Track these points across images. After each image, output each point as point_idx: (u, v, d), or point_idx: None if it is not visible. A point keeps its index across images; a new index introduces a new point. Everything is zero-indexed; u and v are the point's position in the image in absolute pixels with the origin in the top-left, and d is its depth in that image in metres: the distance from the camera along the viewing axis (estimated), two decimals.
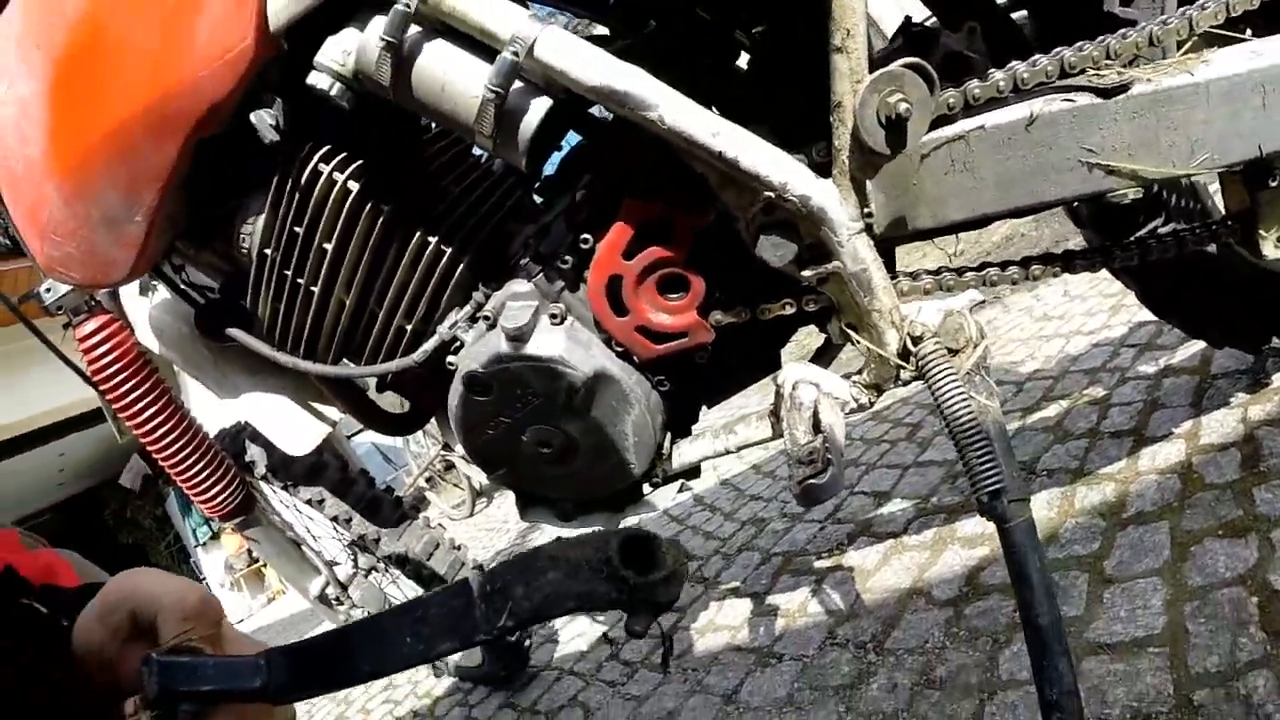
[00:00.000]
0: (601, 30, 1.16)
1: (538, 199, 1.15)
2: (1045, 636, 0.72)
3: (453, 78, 0.81)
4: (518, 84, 0.80)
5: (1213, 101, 0.82)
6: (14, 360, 5.92)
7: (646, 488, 1.14)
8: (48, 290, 1.29)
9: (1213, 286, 1.34)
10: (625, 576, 0.49)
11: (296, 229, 0.98)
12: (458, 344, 1.03)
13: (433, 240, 0.99)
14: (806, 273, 0.85)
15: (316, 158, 0.94)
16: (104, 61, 0.87)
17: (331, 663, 0.50)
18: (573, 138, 1.04)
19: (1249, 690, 0.93)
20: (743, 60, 1.07)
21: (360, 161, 0.95)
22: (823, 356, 1.06)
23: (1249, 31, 0.98)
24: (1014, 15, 1.04)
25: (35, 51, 0.87)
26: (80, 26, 0.86)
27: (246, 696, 0.47)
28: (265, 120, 0.90)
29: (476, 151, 1.16)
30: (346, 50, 0.83)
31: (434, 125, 1.13)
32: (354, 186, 0.95)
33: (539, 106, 0.82)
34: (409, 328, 1.04)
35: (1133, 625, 1.11)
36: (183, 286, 1.18)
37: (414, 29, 0.81)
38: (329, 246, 0.98)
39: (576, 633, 2.19)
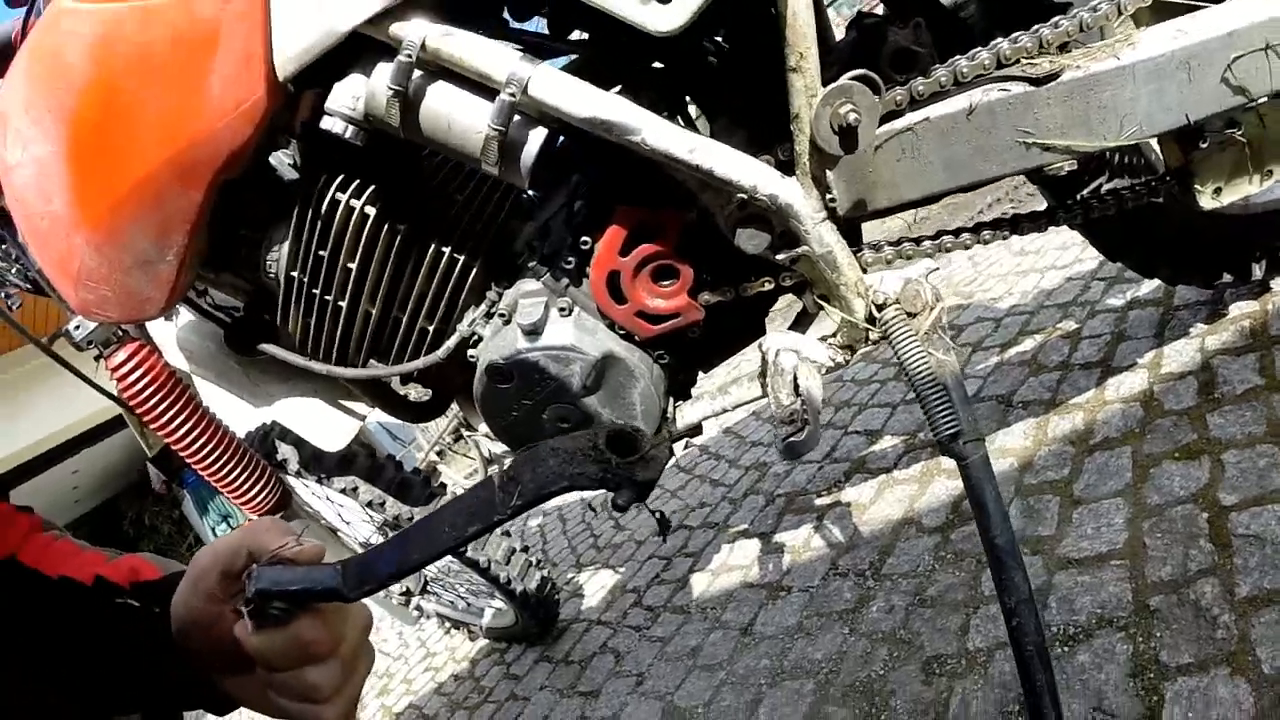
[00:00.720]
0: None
1: (532, 193, 1.25)
2: (1002, 554, 0.83)
3: (457, 117, 0.90)
4: (516, 118, 0.89)
5: (1139, 81, 0.90)
6: (18, 386, 5.98)
7: None
8: (76, 327, 1.38)
9: (1160, 231, 1.41)
10: (609, 459, 0.60)
11: (321, 252, 1.07)
12: (476, 338, 1.13)
13: (446, 250, 1.09)
14: (780, 256, 0.95)
15: (334, 187, 1.03)
16: (120, 121, 0.92)
17: (389, 560, 0.59)
18: None
19: (1198, 596, 1.05)
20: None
21: (373, 187, 1.04)
22: (802, 321, 1.17)
23: None
24: None
25: (46, 115, 0.92)
26: (91, 91, 0.91)
27: (326, 596, 0.55)
28: (284, 160, 0.99)
29: None
30: (355, 96, 0.92)
31: None
32: (370, 211, 1.04)
33: (536, 137, 0.91)
34: (430, 328, 1.15)
35: (1098, 541, 1.22)
36: (207, 308, 1.29)
37: (417, 73, 0.89)
38: (353, 266, 1.07)
39: (600, 585, 2.31)
